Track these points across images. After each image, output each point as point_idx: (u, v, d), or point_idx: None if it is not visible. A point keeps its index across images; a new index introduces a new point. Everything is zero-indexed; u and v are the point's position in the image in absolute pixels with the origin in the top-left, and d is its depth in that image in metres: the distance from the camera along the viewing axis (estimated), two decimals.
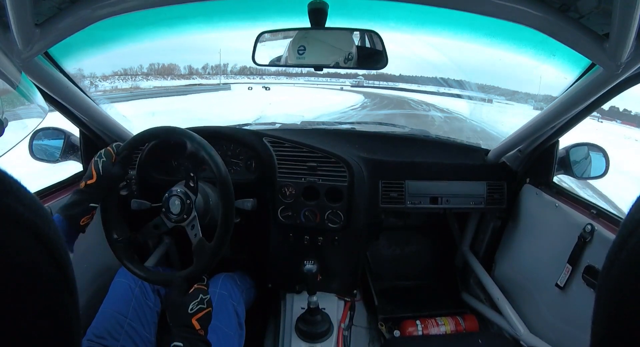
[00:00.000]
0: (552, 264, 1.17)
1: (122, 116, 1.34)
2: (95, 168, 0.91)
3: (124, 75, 29.00)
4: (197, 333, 0.82)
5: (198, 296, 0.85)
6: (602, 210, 1.06)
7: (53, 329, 0.26)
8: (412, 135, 1.67)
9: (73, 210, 0.88)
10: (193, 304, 0.83)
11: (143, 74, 31.03)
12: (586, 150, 1.29)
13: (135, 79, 29.12)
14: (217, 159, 0.91)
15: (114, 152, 0.96)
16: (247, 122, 1.67)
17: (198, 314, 0.83)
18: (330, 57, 0.99)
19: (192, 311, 0.83)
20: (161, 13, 0.96)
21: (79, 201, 0.89)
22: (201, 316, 0.83)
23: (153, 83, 28.00)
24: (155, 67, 32.33)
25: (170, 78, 32.26)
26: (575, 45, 0.74)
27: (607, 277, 0.26)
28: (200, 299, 0.85)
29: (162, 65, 33.47)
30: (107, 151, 0.95)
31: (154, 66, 32.32)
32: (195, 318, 0.82)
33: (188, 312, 0.82)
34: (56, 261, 0.26)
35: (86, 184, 0.91)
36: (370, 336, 1.57)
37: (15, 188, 0.25)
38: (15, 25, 0.68)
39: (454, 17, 0.94)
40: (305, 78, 29.69)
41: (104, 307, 1.05)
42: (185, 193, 0.93)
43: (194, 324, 0.82)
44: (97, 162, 0.92)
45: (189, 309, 0.82)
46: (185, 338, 0.80)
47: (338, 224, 1.25)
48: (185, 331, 0.81)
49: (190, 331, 0.82)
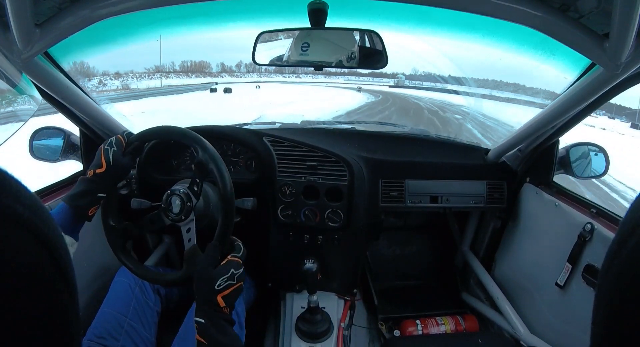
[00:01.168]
0: (552, 263, 1.17)
1: (122, 115, 1.34)
2: (105, 157, 0.88)
3: (123, 76, 29.04)
4: (222, 311, 0.77)
5: (229, 271, 0.79)
6: (601, 209, 1.07)
7: (53, 330, 0.26)
8: (412, 135, 1.67)
9: (81, 200, 0.85)
10: (222, 280, 0.77)
11: (144, 73, 31.12)
12: (586, 149, 1.29)
13: (134, 78, 29.20)
14: (225, 176, 0.89)
15: (125, 142, 0.92)
16: (247, 122, 1.67)
17: (225, 291, 0.77)
18: (334, 56, 0.99)
19: (219, 287, 0.77)
20: (161, 13, 0.96)
21: (86, 191, 0.86)
22: (228, 293, 0.78)
23: (168, 81, 28.28)
24: (166, 67, 32.59)
25: (183, 76, 32.46)
26: (575, 45, 0.74)
27: (607, 276, 0.26)
28: (231, 274, 0.79)
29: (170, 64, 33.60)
30: (117, 140, 0.91)
31: (163, 66, 32.61)
32: (222, 295, 0.77)
33: (214, 288, 0.76)
34: (56, 261, 0.26)
35: (95, 173, 0.87)
36: (370, 335, 1.57)
37: (15, 188, 0.25)
38: (15, 25, 0.68)
39: (454, 17, 0.94)
40: (316, 76, 30.23)
41: (104, 307, 1.05)
42: (187, 194, 0.93)
43: (219, 301, 0.76)
44: (108, 151, 0.89)
45: (216, 285, 0.77)
46: (207, 315, 0.76)
47: (338, 223, 1.25)
48: (209, 307, 0.77)
49: (214, 308, 0.77)
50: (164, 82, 31.36)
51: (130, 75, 35.54)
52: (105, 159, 0.88)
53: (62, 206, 0.84)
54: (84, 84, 1.11)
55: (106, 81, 25.30)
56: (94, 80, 18.76)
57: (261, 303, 1.45)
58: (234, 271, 0.80)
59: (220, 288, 0.77)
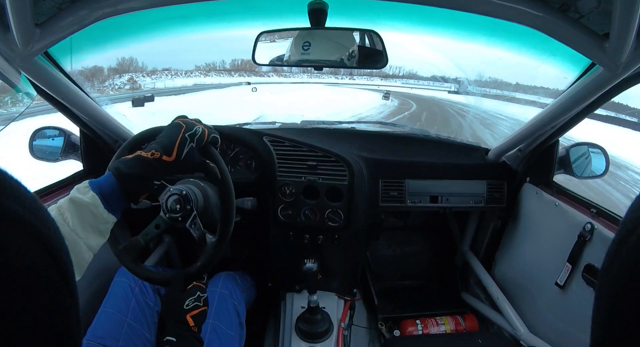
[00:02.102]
0: (552, 263, 1.17)
1: (122, 115, 1.34)
2: (179, 148, 0.76)
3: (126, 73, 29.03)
4: (191, 330, 0.82)
5: (195, 293, 0.85)
6: (602, 209, 1.07)
7: (53, 330, 0.26)
8: (412, 135, 1.67)
9: (135, 183, 0.73)
10: (189, 301, 0.83)
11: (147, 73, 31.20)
12: (586, 149, 1.29)
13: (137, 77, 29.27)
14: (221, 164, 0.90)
15: (207, 138, 0.81)
16: (247, 122, 1.67)
17: (193, 311, 0.83)
18: (335, 55, 0.99)
19: (187, 307, 0.83)
20: (161, 13, 0.96)
21: (143, 175, 0.74)
22: (196, 314, 0.83)
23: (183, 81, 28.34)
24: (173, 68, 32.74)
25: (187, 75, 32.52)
26: (575, 45, 0.74)
27: (607, 276, 0.26)
28: (197, 297, 0.85)
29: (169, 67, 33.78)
30: (201, 135, 0.79)
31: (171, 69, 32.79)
32: (190, 315, 0.82)
33: (183, 308, 0.82)
34: (56, 262, 0.26)
35: (161, 159, 0.74)
36: (370, 335, 1.57)
37: (15, 189, 0.25)
38: (15, 25, 0.68)
39: (454, 17, 0.94)
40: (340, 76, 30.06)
41: (104, 307, 1.05)
42: (186, 195, 0.93)
43: (188, 320, 0.82)
44: (185, 142, 0.76)
45: (184, 305, 0.82)
46: (178, 334, 0.80)
47: (338, 223, 1.25)
48: (179, 326, 0.81)
49: (184, 327, 0.81)
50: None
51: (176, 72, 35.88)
52: (178, 150, 0.76)
53: (112, 183, 0.71)
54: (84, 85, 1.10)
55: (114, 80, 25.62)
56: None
57: (261, 303, 1.45)
58: (200, 294, 0.86)
59: (189, 308, 0.83)
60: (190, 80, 32.99)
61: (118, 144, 1.32)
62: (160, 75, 37.95)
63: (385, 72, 53.10)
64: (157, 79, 33.60)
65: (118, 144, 1.32)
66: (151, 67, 37.67)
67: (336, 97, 23.74)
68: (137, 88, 30.76)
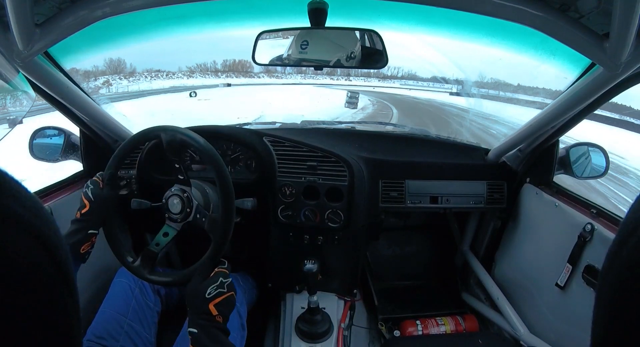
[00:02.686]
0: (552, 263, 1.17)
1: (122, 115, 1.34)
2: (85, 197, 0.92)
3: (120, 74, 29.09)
4: (214, 320, 0.77)
5: (218, 280, 0.80)
6: (602, 209, 1.06)
7: (53, 330, 0.26)
8: (412, 135, 1.67)
9: (72, 238, 0.87)
10: (211, 289, 0.78)
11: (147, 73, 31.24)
12: (586, 149, 1.29)
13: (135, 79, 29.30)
14: (200, 140, 0.91)
15: (99, 179, 0.96)
16: (247, 122, 1.67)
17: (216, 299, 0.78)
18: (333, 55, 0.99)
19: (209, 295, 0.78)
20: (160, 13, 0.96)
21: (77, 230, 0.88)
22: (220, 301, 0.78)
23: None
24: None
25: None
26: (575, 45, 0.74)
27: (607, 276, 0.26)
28: (220, 283, 0.80)
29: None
30: (93, 180, 0.96)
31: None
32: (213, 303, 0.77)
33: (205, 297, 0.77)
34: (56, 262, 0.26)
35: (81, 214, 0.90)
36: (370, 336, 1.57)
37: (16, 189, 0.25)
38: (15, 25, 0.68)
39: (454, 16, 0.94)
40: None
41: (104, 307, 1.05)
42: (181, 190, 0.93)
43: (211, 310, 0.77)
44: (87, 192, 0.92)
45: (206, 294, 0.78)
46: (200, 325, 0.75)
47: (338, 223, 1.25)
48: (201, 317, 0.77)
49: (206, 317, 0.77)
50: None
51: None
52: (87, 199, 0.91)
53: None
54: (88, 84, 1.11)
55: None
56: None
57: (261, 303, 1.45)
58: (223, 279, 0.82)
59: (210, 296, 0.78)
60: (190, 80, 33.12)
61: (118, 144, 1.32)
62: (161, 75, 38.02)
63: (383, 73, 51.93)
64: (155, 78, 33.70)
65: (118, 144, 1.32)
66: (153, 67, 37.90)
67: (317, 99, 22.09)
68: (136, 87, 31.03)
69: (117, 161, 0.97)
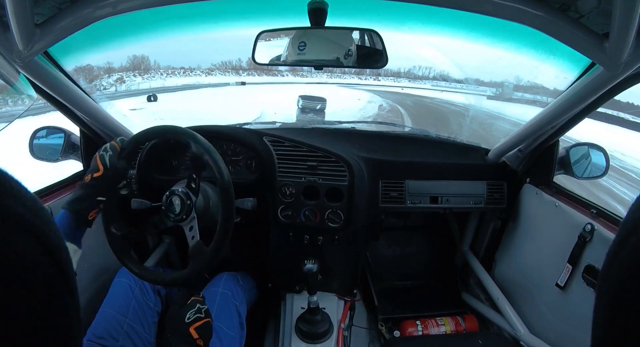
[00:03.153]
0: (552, 263, 1.17)
1: (123, 115, 1.34)
2: (101, 161, 0.90)
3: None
4: (195, 343, 0.80)
5: (195, 306, 0.84)
6: (602, 210, 1.06)
7: (54, 330, 0.26)
8: (413, 135, 1.67)
9: (80, 205, 0.86)
10: (190, 313, 0.82)
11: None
12: (586, 150, 1.28)
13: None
14: (221, 165, 0.90)
15: (119, 147, 0.94)
16: (247, 122, 1.67)
17: (195, 323, 0.81)
18: (331, 54, 0.99)
19: (189, 320, 0.81)
20: (160, 13, 0.96)
21: (85, 195, 0.87)
22: (199, 325, 0.81)
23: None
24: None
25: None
26: (575, 45, 0.74)
27: (607, 276, 0.26)
28: (198, 309, 0.83)
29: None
30: (112, 145, 0.93)
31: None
32: (193, 327, 0.80)
33: (185, 322, 0.81)
34: (56, 262, 0.26)
35: (92, 177, 0.88)
36: (370, 336, 1.57)
37: (16, 189, 0.25)
38: (15, 25, 0.68)
39: (454, 16, 0.94)
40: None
41: (104, 307, 1.05)
42: (186, 193, 0.93)
43: (192, 333, 0.80)
44: (104, 156, 0.90)
45: (185, 318, 0.81)
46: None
47: (338, 223, 1.25)
48: (184, 340, 0.79)
49: (188, 340, 0.79)
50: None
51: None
52: (102, 163, 0.89)
53: (62, 213, 0.85)
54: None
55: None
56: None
57: (261, 304, 1.45)
58: (200, 305, 0.85)
59: (190, 320, 0.81)
60: (189, 79, 33.21)
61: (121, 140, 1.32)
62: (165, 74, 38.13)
63: (413, 73, 50.33)
64: (158, 77, 33.83)
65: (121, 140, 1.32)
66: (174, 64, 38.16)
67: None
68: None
69: (138, 140, 0.96)
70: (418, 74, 53.37)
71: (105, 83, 30.80)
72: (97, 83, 29.76)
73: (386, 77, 50.87)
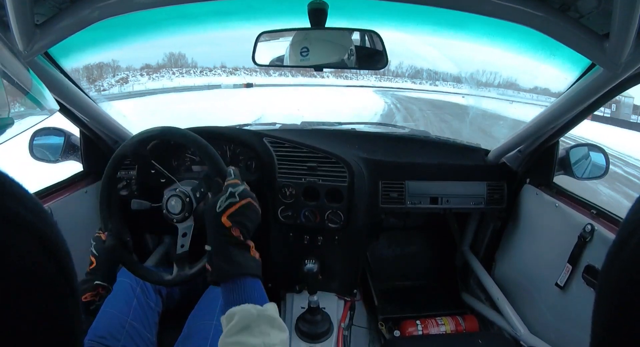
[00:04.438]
0: (552, 263, 1.17)
1: (122, 116, 1.34)
2: (92, 255, 0.92)
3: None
4: (229, 234, 0.70)
5: (227, 190, 0.74)
6: (602, 210, 1.06)
7: (55, 330, 0.26)
8: (412, 136, 1.67)
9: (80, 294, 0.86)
10: (220, 201, 0.72)
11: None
12: (586, 150, 1.28)
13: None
14: (222, 165, 0.89)
15: (101, 233, 0.95)
16: (247, 123, 1.67)
17: (228, 210, 0.72)
18: (333, 56, 0.99)
19: (219, 209, 0.72)
20: (161, 13, 0.96)
21: (84, 282, 0.89)
22: (233, 212, 0.72)
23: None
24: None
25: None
26: (576, 45, 0.74)
27: (607, 277, 0.26)
28: (229, 193, 0.74)
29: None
30: (95, 237, 0.95)
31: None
32: (226, 215, 0.71)
33: (216, 211, 0.72)
34: (57, 262, 0.26)
35: (89, 270, 0.91)
36: (370, 336, 1.57)
37: (17, 191, 0.25)
38: (15, 25, 0.68)
39: (455, 17, 0.94)
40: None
41: (105, 307, 1.04)
42: (186, 194, 0.93)
43: (224, 223, 0.70)
44: (91, 251, 0.93)
45: (217, 207, 0.72)
46: (214, 242, 0.70)
47: (338, 224, 1.25)
48: (217, 232, 0.71)
49: (221, 231, 0.70)
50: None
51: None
52: (92, 255, 0.92)
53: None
54: None
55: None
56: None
57: None
58: (232, 189, 0.75)
59: (221, 209, 0.72)
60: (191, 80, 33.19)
61: (118, 145, 1.32)
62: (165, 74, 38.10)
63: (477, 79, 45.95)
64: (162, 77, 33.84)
65: (118, 145, 1.32)
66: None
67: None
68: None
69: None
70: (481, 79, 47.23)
71: (107, 83, 30.75)
72: (103, 82, 29.62)
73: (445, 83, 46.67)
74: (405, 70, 61.26)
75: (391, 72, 56.35)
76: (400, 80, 49.21)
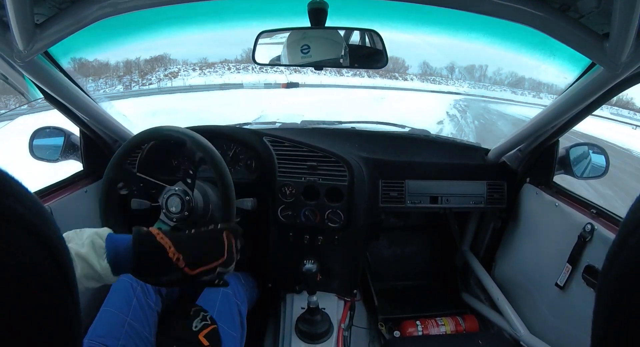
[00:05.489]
0: (552, 263, 1.17)
1: (122, 115, 1.34)
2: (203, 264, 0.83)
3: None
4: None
5: (199, 314, 0.82)
6: (602, 209, 1.06)
7: (54, 329, 0.26)
8: (412, 135, 1.67)
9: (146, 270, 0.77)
10: (196, 322, 0.80)
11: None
12: (586, 149, 1.29)
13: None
14: (222, 165, 0.90)
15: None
16: (247, 122, 1.67)
17: (204, 331, 0.80)
18: (335, 53, 0.99)
19: (196, 328, 0.80)
20: (161, 13, 0.96)
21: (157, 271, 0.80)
22: (208, 332, 0.80)
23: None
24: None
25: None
26: (575, 45, 0.74)
27: (607, 276, 0.26)
28: (203, 317, 0.82)
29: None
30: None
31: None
32: (202, 335, 0.79)
33: (193, 330, 0.79)
34: (57, 262, 0.26)
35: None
36: (370, 336, 1.57)
37: (16, 189, 0.25)
38: (15, 25, 0.68)
39: (454, 17, 0.94)
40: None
41: (105, 306, 1.05)
42: (183, 191, 0.93)
43: (202, 341, 0.78)
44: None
45: (193, 327, 0.80)
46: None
47: (338, 223, 1.25)
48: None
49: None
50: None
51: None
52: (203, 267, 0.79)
53: (128, 255, 0.74)
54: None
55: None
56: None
57: (261, 303, 1.45)
58: (204, 313, 0.84)
59: (197, 329, 0.82)
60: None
61: (118, 144, 1.32)
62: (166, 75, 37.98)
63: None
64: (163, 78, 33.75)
65: (118, 144, 1.32)
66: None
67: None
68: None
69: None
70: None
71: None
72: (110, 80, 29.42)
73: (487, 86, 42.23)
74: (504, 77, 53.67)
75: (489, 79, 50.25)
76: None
